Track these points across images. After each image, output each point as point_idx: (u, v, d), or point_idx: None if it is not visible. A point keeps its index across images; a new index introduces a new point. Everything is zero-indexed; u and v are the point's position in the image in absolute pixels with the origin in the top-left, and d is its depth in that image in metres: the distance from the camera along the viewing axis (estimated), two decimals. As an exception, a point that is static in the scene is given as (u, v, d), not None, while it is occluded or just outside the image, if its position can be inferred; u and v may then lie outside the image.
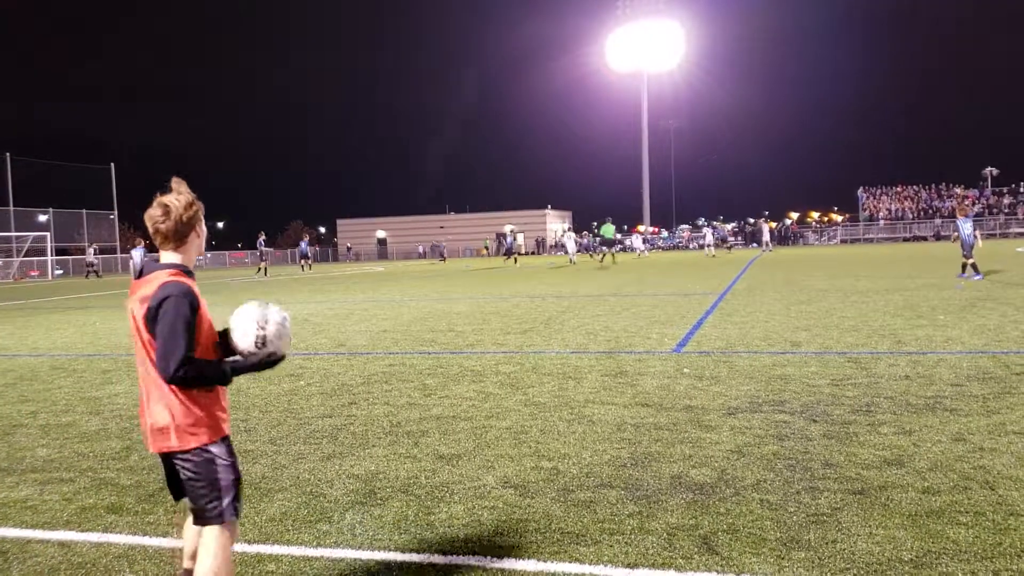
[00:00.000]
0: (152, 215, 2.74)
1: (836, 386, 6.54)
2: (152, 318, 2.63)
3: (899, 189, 72.51)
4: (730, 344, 9.09)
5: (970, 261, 16.93)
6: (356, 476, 4.60)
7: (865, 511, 3.75)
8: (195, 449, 2.71)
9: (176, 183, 2.81)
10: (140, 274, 2.76)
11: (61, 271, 42.71)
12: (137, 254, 28.21)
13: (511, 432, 5.45)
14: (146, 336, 2.68)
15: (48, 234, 49.18)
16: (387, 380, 7.62)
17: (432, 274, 33.08)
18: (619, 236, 44.94)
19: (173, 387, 2.67)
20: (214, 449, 2.74)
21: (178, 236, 2.76)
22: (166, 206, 2.74)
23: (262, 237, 37.57)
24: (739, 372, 7.32)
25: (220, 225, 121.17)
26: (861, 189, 73.53)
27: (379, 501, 4.16)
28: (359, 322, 13.28)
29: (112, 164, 56.74)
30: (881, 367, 7.32)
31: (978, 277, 16.74)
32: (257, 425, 5.96)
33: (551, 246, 76.15)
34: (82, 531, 3.88)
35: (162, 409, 2.70)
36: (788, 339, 9.31)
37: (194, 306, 2.66)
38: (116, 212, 58.04)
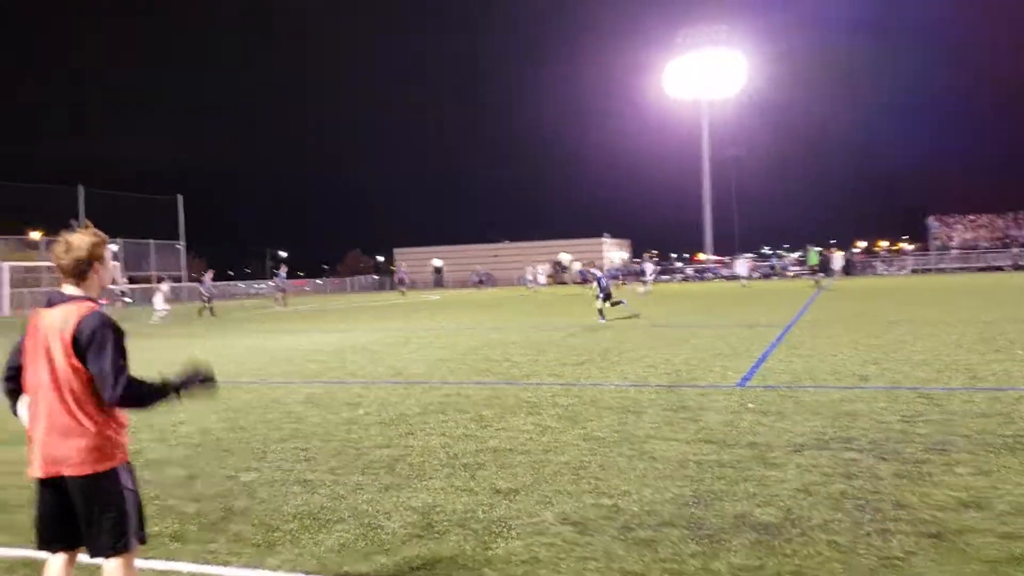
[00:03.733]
0: (55, 251, 2.88)
1: (907, 423, 6.30)
2: (84, 346, 2.74)
3: (973, 218, 70.32)
4: (796, 378, 8.86)
5: (608, 303, 19.15)
6: (414, 508, 4.59)
7: (941, 556, 3.58)
8: (104, 472, 2.79)
9: (85, 225, 2.95)
10: (49, 304, 2.85)
11: (130, 300, 44.40)
12: (208, 280, 30.69)
13: (570, 467, 5.38)
14: (68, 363, 2.75)
15: (118, 264, 51.01)
16: (443, 410, 7.62)
17: (486, 303, 33.18)
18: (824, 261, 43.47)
19: (92, 409, 2.77)
20: (121, 473, 2.85)
21: (76, 272, 2.86)
22: (68, 243, 2.87)
23: (284, 270, 38.13)
24: (805, 407, 7.11)
25: (284, 254, 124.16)
26: (932, 218, 71.56)
27: (436, 535, 4.14)
28: (416, 350, 13.36)
29: (180, 195, 58.68)
30: (955, 403, 7.03)
31: (602, 320, 18.51)
32: (317, 454, 6.01)
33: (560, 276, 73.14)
34: (146, 559, 3.92)
35: (77, 433, 2.76)
36: (856, 373, 9.03)
37: (119, 331, 2.82)
38: (184, 242, 59.90)
